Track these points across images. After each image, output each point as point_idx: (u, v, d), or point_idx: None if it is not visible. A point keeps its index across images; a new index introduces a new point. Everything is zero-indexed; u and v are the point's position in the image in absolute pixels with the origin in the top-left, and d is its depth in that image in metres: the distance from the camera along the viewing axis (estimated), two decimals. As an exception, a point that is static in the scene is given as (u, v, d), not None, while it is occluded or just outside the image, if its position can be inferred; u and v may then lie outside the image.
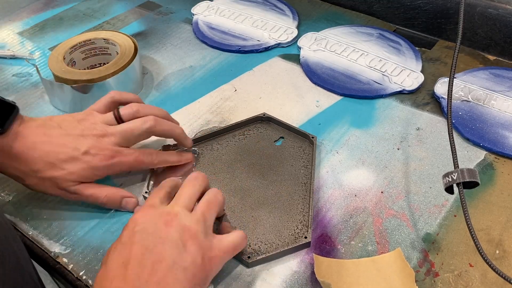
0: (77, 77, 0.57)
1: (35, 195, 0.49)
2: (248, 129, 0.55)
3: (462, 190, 0.41)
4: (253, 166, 0.51)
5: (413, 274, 0.40)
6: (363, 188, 0.49)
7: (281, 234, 0.44)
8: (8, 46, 0.71)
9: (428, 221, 0.46)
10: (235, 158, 0.52)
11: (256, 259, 0.42)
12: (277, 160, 0.51)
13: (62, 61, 0.59)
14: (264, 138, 0.54)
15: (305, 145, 0.53)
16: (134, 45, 0.61)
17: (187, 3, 0.79)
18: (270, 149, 0.53)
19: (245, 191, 0.48)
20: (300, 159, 0.51)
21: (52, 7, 0.81)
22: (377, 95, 0.60)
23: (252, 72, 0.65)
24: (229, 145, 0.53)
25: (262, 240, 0.44)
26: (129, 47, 0.61)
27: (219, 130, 0.54)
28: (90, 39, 0.62)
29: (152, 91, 0.62)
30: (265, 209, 0.47)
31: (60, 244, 0.45)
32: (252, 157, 0.52)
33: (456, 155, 0.43)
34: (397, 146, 0.54)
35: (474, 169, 0.42)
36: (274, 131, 0.55)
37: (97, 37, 0.63)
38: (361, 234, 0.45)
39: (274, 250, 0.43)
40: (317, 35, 0.70)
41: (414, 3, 0.70)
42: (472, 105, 0.57)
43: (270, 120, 0.56)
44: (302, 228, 0.45)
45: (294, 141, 0.53)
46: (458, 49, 0.49)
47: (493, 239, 0.44)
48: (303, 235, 0.44)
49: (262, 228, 0.45)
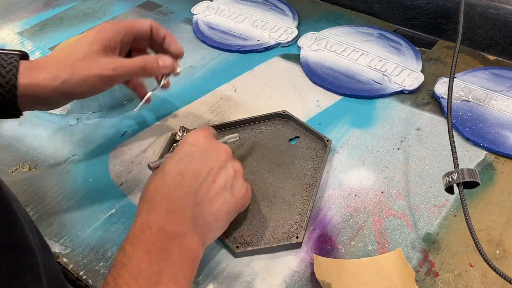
0: None
1: (35, 195, 0.49)
2: (266, 124, 0.56)
3: (462, 190, 0.41)
4: (263, 160, 0.51)
5: (414, 274, 0.40)
6: (363, 188, 0.49)
7: (275, 230, 0.45)
8: (8, 46, 0.71)
9: (428, 221, 0.46)
10: (248, 150, 0.53)
11: (244, 250, 0.42)
12: (288, 158, 0.52)
13: None
14: (279, 135, 0.54)
15: (319, 147, 0.53)
16: None
17: (187, 3, 0.79)
18: (284, 147, 0.53)
19: (250, 182, 0.48)
20: (311, 161, 0.51)
21: (52, 7, 0.81)
22: (377, 95, 0.60)
23: (252, 72, 0.65)
24: (245, 137, 0.54)
25: (255, 233, 0.44)
26: None
27: (238, 121, 0.55)
28: None
29: (152, 91, 0.62)
30: (265, 203, 0.47)
31: (60, 244, 0.45)
32: (264, 151, 0.52)
33: (456, 155, 0.43)
34: (397, 146, 0.53)
35: (474, 169, 0.41)
36: (290, 130, 0.55)
37: None
38: (361, 234, 0.45)
39: (263, 244, 0.43)
40: (317, 35, 0.70)
41: (414, 3, 0.70)
42: (472, 105, 0.57)
43: (289, 118, 0.56)
44: (297, 228, 0.45)
45: (309, 142, 0.53)
46: (458, 49, 0.48)
47: (493, 239, 0.44)
48: (296, 235, 0.44)
49: (258, 221, 0.45)
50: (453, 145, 0.44)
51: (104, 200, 0.49)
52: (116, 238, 0.45)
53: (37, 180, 0.51)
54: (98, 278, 0.42)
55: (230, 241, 0.43)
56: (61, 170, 0.52)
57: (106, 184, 0.50)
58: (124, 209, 0.48)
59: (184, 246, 0.36)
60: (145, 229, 0.36)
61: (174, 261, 0.35)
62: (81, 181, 0.51)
